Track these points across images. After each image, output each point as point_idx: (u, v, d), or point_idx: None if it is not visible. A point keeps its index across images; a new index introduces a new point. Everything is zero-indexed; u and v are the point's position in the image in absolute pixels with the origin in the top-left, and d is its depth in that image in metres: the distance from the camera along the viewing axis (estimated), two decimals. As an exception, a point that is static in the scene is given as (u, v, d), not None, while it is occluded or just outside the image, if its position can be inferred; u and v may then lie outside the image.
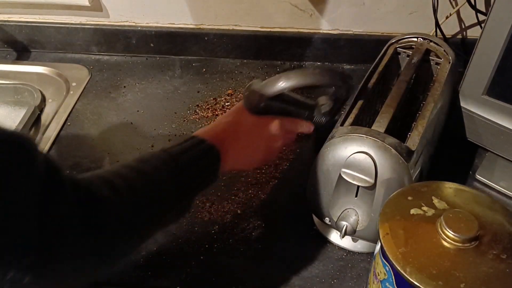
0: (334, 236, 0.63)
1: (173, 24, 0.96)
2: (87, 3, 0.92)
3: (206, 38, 0.95)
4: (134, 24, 0.96)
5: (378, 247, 0.46)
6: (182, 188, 0.51)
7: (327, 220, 0.60)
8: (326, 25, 0.92)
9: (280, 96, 0.57)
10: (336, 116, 0.64)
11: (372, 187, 0.54)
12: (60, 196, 0.37)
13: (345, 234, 0.57)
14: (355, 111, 0.61)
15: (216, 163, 0.54)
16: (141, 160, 0.50)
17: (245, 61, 0.97)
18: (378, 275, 0.46)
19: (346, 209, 0.58)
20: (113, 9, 0.95)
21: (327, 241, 0.64)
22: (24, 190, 0.34)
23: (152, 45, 0.97)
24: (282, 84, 0.56)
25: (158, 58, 0.98)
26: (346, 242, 0.62)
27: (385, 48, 0.75)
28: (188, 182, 0.51)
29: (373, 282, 0.49)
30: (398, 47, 0.73)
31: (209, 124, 0.60)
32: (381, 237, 0.44)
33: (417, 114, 0.61)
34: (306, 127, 0.63)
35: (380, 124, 0.56)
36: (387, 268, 0.44)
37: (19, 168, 0.34)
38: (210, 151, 0.53)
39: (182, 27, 0.95)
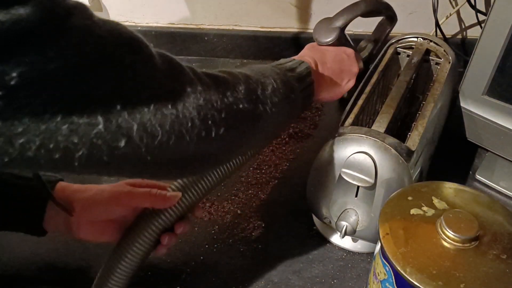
0: (334, 236, 0.63)
1: (173, 24, 0.96)
2: (87, 3, 0.92)
3: (206, 38, 0.95)
4: (134, 24, 0.96)
5: (378, 247, 0.46)
6: (287, 92, 0.50)
7: (327, 220, 0.60)
8: (326, 25, 0.92)
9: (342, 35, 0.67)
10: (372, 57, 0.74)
11: (372, 187, 0.54)
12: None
13: (345, 234, 0.57)
14: (355, 111, 0.61)
15: (309, 76, 0.55)
16: (247, 68, 0.50)
17: (245, 61, 0.97)
18: (378, 275, 0.46)
19: (346, 209, 0.58)
20: (113, 9, 0.95)
21: (327, 241, 0.64)
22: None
23: (152, 45, 0.97)
24: (350, 14, 0.66)
25: (158, 58, 0.98)
26: (346, 242, 0.62)
27: (385, 48, 0.75)
28: (291, 88, 0.51)
29: (373, 282, 0.49)
30: (398, 47, 0.73)
31: (300, 53, 0.64)
32: (381, 237, 0.44)
33: (417, 114, 0.61)
34: (360, 64, 0.67)
35: (380, 124, 0.56)
36: (387, 268, 0.44)
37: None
38: (301, 64, 0.55)
39: (182, 27, 0.95)
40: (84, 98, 0.29)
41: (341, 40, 0.67)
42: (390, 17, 0.73)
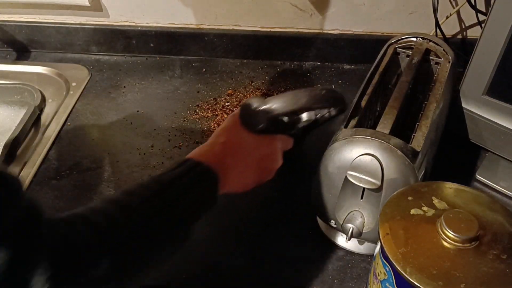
0: (338, 238, 0.63)
1: (173, 24, 0.96)
2: (87, 3, 0.92)
3: (206, 38, 0.95)
4: (134, 24, 0.96)
5: (378, 247, 0.46)
6: (176, 218, 0.47)
7: (332, 223, 0.60)
8: (326, 25, 0.92)
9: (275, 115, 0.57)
10: (312, 131, 0.64)
11: (379, 189, 0.54)
12: (33, 240, 0.36)
13: (351, 236, 0.57)
14: (358, 113, 0.60)
15: (214, 187, 0.50)
16: (127, 192, 0.47)
17: (245, 61, 0.97)
18: (378, 275, 0.46)
19: (351, 211, 0.58)
20: (113, 9, 0.95)
21: (327, 241, 0.64)
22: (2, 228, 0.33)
23: (152, 45, 0.97)
24: (291, 104, 0.56)
25: (158, 58, 0.98)
26: (351, 244, 0.62)
27: (384, 48, 0.75)
28: (183, 211, 0.48)
29: (373, 282, 0.49)
30: (398, 47, 0.73)
31: (203, 144, 0.56)
32: (381, 237, 0.44)
33: (420, 115, 0.61)
34: (289, 143, 0.62)
35: (385, 125, 0.56)
36: (387, 268, 0.44)
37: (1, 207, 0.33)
38: (207, 174, 0.50)
39: (182, 27, 0.95)
40: None
41: (271, 128, 0.58)
42: (340, 110, 0.61)
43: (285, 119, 0.58)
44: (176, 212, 0.47)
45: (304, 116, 0.60)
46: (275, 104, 0.56)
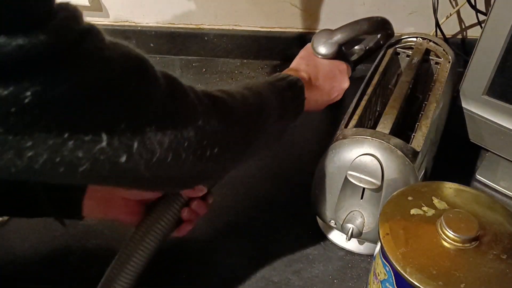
0: (337, 237, 0.63)
1: (173, 24, 0.96)
2: (87, 3, 0.92)
3: (206, 38, 0.95)
4: (134, 24, 0.96)
5: (378, 247, 0.46)
6: (281, 112, 0.53)
7: (332, 223, 0.60)
8: (326, 25, 0.92)
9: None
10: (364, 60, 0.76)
11: (379, 189, 0.54)
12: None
13: (351, 236, 0.57)
14: (358, 113, 0.60)
15: (302, 95, 0.58)
16: (244, 86, 0.52)
17: (245, 61, 0.97)
18: (378, 275, 0.46)
19: (351, 211, 0.58)
20: (113, 9, 0.95)
21: (327, 241, 0.64)
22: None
23: (152, 45, 0.97)
24: (352, 31, 0.66)
25: (158, 58, 0.98)
26: (351, 244, 0.62)
27: (384, 48, 0.75)
28: (285, 107, 0.54)
29: (373, 282, 0.49)
30: (398, 47, 0.73)
31: (288, 68, 0.65)
32: (381, 237, 0.44)
33: (420, 115, 0.61)
34: (350, 70, 0.70)
35: (385, 125, 0.56)
36: (387, 268, 0.44)
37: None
38: (297, 82, 0.58)
39: (182, 27, 0.95)
40: (91, 118, 0.31)
41: (338, 55, 0.67)
42: (389, 34, 0.73)
43: (344, 49, 0.70)
44: (281, 106, 0.54)
45: (356, 48, 0.76)
46: (340, 34, 0.66)
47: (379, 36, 0.73)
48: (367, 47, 0.76)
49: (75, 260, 0.62)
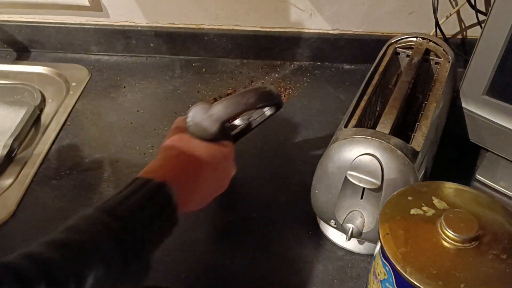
0: (337, 237, 0.63)
1: (173, 24, 0.96)
2: (87, 3, 0.92)
3: (206, 38, 0.95)
4: (134, 24, 0.96)
5: (378, 247, 0.46)
6: (130, 247, 0.41)
7: (332, 222, 0.60)
8: (326, 25, 0.92)
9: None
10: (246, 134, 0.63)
11: (378, 189, 0.54)
12: None
13: (351, 236, 0.57)
14: (358, 113, 0.60)
15: (171, 204, 0.44)
16: (69, 228, 0.40)
17: (245, 61, 0.97)
18: (378, 275, 0.46)
19: (351, 211, 0.58)
20: (113, 9, 0.95)
21: (327, 241, 0.64)
22: None
23: (152, 45, 0.97)
24: (236, 107, 0.55)
25: (158, 58, 0.98)
26: (351, 244, 0.62)
27: (384, 48, 0.75)
28: (137, 237, 0.41)
29: (373, 282, 0.49)
30: (398, 47, 0.73)
31: (153, 161, 0.50)
32: (381, 237, 0.44)
33: (420, 115, 0.61)
34: (232, 149, 0.59)
35: (385, 125, 0.56)
36: (387, 268, 0.44)
37: None
38: (160, 189, 0.44)
39: (182, 27, 0.95)
40: None
41: (221, 133, 0.56)
42: (278, 106, 0.61)
43: (227, 124, 0.57)
44: (128, 240, 0.41)
45: (237, 121, 0.62)
46: (222, 109, 0.54)
47: (266, 109, 0.62)
48: (250, 118, 0.63)
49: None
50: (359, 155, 0.54)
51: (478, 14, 0.83)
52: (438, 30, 0.87)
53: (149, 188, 0.44)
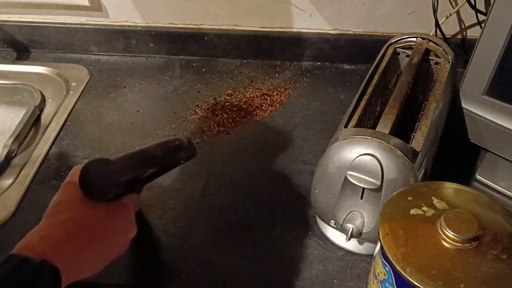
0: (337, 237, 0.63)
1: (173, 24, 0.96)
2: (87, 3, 0.92)
3: (206, 38, 0.95)
4: (134, 24, 0.96)
5: (378, 247, 0.46)
6: None
7: (332, 223, 0.60)
8: (326, 25, 0.92)
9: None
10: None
11: (378, 189, 0.54)
12: None
13: (351, 236, 0.57)
14: (358, 113, 0.60)
15: (53, 285, 0.38)
16: None
17: (245, 61, 0.97)
18: (378, 275, 0.46)
19: (351, 211, 0.58)
20: (113, 9, 0.95)
21: (327, 241, 0.64)
22: None
23: (152, 45, 0.97)
24: (142, 168, 0.50)
25: (158, 58, 0.98)
26: (351, 244, 0.62)
27: (384, 48, 0.75)
28: None
29: (373, 283, 0.49)
30: (398, 47, 0.73)
31: (36, 228, 0.43)
32: (381, 237, 0.44)
33: (420, 115, 0.61)
34: (139, 202, 0.57)
35: (385, 125, 0.56)
36: (387, 268, 0.44)
37: None
38: (40, 270, 0.37)
39: (182, 27, 0.95)
40: None
41: (120, 193, 0.50)
42: (190, 156, 0.54)
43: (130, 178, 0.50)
44: None
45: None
46: (121, 171, 0.49)
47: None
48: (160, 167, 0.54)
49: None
50: (359, 155, 0.54)
51: (478, 14, 0.83)
52: (438, 30, 0.87)
53: (26, 271, 0.37)
